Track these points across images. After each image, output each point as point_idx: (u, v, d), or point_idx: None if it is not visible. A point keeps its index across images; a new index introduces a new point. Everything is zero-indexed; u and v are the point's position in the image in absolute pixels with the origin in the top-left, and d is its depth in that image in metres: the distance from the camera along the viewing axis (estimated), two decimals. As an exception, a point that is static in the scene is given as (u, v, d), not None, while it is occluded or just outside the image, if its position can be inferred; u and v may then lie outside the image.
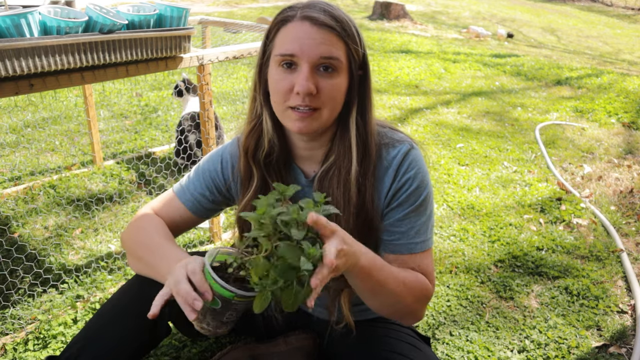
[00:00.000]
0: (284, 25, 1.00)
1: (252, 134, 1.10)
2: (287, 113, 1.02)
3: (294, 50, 0.97)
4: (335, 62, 0.99)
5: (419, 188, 1.10)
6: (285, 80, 1.00)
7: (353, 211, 1.07)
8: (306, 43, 0.97)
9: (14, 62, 1.35)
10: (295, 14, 0.99)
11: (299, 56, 0.97)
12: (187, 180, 1.24)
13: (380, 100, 4.54)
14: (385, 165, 1.10)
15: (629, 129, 4.04)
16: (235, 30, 2.60)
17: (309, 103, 0.99)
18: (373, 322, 1.28)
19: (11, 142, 3.29)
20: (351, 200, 1.07)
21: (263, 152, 1.10)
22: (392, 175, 1.10)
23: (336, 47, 0.98)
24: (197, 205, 1.22)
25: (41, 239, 2.26)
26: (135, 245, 1.13)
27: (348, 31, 1.00)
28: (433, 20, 10.10)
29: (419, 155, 1.12)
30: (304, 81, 0.97)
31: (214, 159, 1.22)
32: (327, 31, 0.97)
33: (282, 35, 1.00)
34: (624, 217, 2.64)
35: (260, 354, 1.38)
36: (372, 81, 1.08)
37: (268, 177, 1.13)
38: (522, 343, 1.75)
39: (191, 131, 2.83)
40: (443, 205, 2.68)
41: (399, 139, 1.13)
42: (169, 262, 0.99)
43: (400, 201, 1.10)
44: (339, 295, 1.15)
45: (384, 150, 1.10)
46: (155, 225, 1.16)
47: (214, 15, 8.62)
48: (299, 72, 0.98)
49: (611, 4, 15.20)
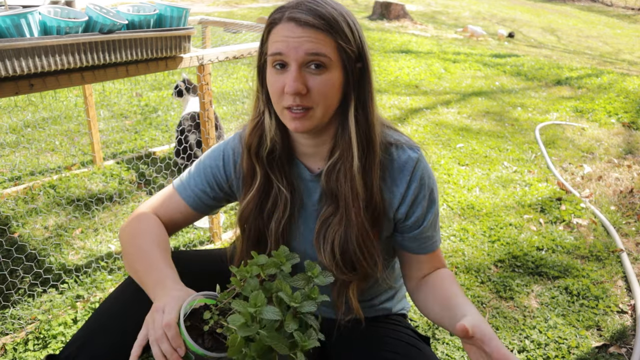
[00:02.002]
0: (274, 27, 1.02)
1: (255, 131, 1.11)
2: (284, 113, 1.04)
3: (281, 49, 0.99)
4: (323, 59, 0.99)
5: (433, 192, 1.15)
6: (278, 82, 1.01)
7: (362, 205, 1.08)
8: (291, 42, 0.98)
9: (14, 62, 1.35)
10: (282, 16, 1.01)
11: (286, 55, 0.99)
12: (188, 175, 1.24)
13: (380, 100, 4.54)
14: (396, 168, 1.11)
15: (629, 129, 4.04)
16: (235, 30, 2.60)
17: (300, 103, 1.00)
18: (373, 322, 1.28)
19: (11, 142, 3.29)
20: (359, 194, 1.08)
21: (266, 149, 1.11)
22: (406, 181, 1.11)
23: (323, 44, 0.99)
24: (198, 202, 1.22)
25: (41, 239, 2.26)
26: (130, 251, 1.14)
27: (335, 27, 1.00)
28: (433, 20, 10.10)
29: (426, 161, 1.16)
30: (292, 82, 0.98)
31: (216, 154, 1.22)
32: (311, 30, 0.98)
33: (272, 36, 1.02)
34: (624, 217, 2.64)
35: (260, 353, 1.38)
36: (372, 73, 1.09)
37: (271, 173, 1.13)
38: (522, 343, 1.75)
39: (191, 131, 2.83)
40: (443, 205, 2.68)
41: (405, 141, 1.14)
42: (155, 285, 1.03)
43: (423, 211, 1.14)
44: (346, 289, 1.15)
45: (393, 150, 1.11)
46: (152, 232, 1.15)
47: (214, 15, 8.62)
48: (288, 73, 1.00)
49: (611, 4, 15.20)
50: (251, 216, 1.15)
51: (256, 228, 1.16)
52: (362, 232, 1.09)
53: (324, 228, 1.13)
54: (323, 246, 1.13)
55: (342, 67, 1.03)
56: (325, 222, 1.13)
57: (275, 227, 1.15)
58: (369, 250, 1.11)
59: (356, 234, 1.09)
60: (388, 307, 1.34)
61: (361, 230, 1.09)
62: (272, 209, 1.15)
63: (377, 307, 1.32)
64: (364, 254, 1.11)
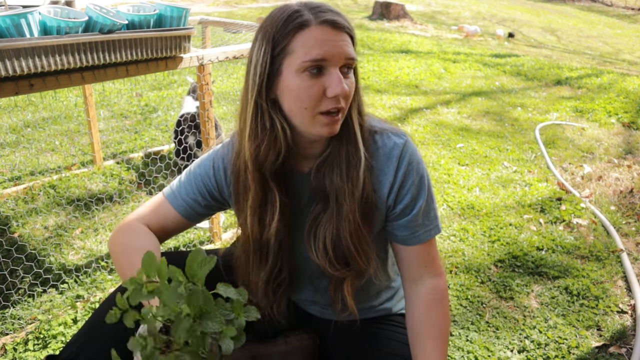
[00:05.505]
0: (302, 30, 0.96)
1: (273, 147, 1.04)
2: (317, 119, 0.99)
3: (323, 54, 0.95)
4: (354, 63, 1.01)
5: (422, 177, 1.13)
6: (316, 86, 0.97)
7: (357, 200, 1.07)
8: (332, 46, 0.96)
9: (14, 62, 1.35)
10: (311, 19, 0.97)
11: (329, 59, 0.96)
12: (179, 184, 1.23)
13: (380, 100, 4.54)
14: (382, 156, 1.10)
15: (629, 129, 4.04)
16: (235, 30, 2.60)
17: (343, 105, 0.99)
18: (372, 323, 1.28)
19: (11, 142, 3.29)
20: (355, 190, 1.07)
21: (276, 163, 1.08)
22: (393, 168, 1.10)
23: (351, 48, 1.00)
24: (190, 210, 1.21)
25: (41, 239, 2.26)
26: (119, 261, 1.13)
27: (353, 31, 1.03)
28: (433, 20, 10.10)
29: (414, 146, 1.14)
30: (340, 83, 0.96)
31: (206, 163, 1.21)
32: (344, 33, 0.99)
33: (302, 40, 0.96)
34: (624, 217, 2.64)
35: (261, 354, 1.38)
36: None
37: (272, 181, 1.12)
38: (522, 343, 1.75)
39: (191, 131, 2.83)
40: (443, 205, 2.68)
41: (389, 128, 1.13)
42: None
43: (412, 196, 1.11)
44: (341, 285, 1.15)
45: (378, 138, 1.11)
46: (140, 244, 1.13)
47: (214, 15, 8.62)
48: (328, 76, 0.97)
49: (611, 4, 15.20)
50: (254, 229, 1.14)
51: (256, 236, 1.15)
52: (354, 226, 1.08)
53: (314, 226, 1.12)
54: (314, 244, 1.12)
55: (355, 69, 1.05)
56: (315, 219, 1.12)
57: (275, 232, 1.15)
58: (362, 244, 1.10)
59: (348, 228, 1.07)
60: (388, 307, 1.34)
61: (353, 224, 1.08)
62: (272, 216, 1.13)
63: (377, 307, 1.32)
64: (357, 248, 1.10)
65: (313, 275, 1.25)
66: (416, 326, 1.14)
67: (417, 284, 1.17)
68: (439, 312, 1.14)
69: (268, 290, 1.19)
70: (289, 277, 1.20)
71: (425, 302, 1.15)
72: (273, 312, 1.24)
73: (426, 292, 1.15)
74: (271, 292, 1.20)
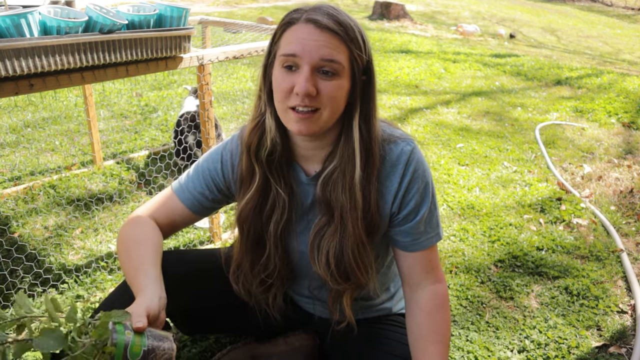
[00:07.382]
0: (289, 27, 1.01)
1: (255, 131, 1.10)
2: (288, 113, 1.02)
3: (296, 50, 0.98)
4: (336, 66, 0.99)
5: (427, 185, 1.13)
6: (287, 81, 1.00)
7: (360, 215, 1.07)
8: (308, 44, 0.97)
9: (14, 62, 1.35)
10: (300, 17, 1.00)
11: (301, 56, 0.98)
12: (187, 178, 1.24)
13: (380, 100, 4.52)
14: (389, 163, 1.10)
15: (629, 129, 4.04)
16: (235, 30, 2.60)
17: (308, 104, 0.99)
18: (373, 323, 1.28)
19: (11, 142, 3.29)
20: (357, 205, 1.07)
21: (265, 151, 1.10)
22: (399, 175, 1.10)
23: (338, 51, 0.99)
24: (197, 204, 1.22)
25: (41, 239, 2.26)
26: (124, 257, 1.13)
27: (351, 35, 1.00)
28: (433, 20, 10.10)
29: (420, 153, 1.14)
30: (304, 82, 0.97)
31: (214, 157, 1.22)
32: (329, 34, 0.98)
33: (287, 36, 1.01)
34: (624, 217, 2.64)
35: (260, 354, 1.38)
36: (376, 88, 1.09)
37: (270, 175, 1.13)
38: (522, 343, 1.75)
39: (191, 131, 2.83)
40: (443, 205, 2.68)
41: (399, 135, 1.13)
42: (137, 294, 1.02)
43: (416, 203, 1.12)
44: (340, 297, 1.15)
45: (385, 147, 1.11)
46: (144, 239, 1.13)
47: (214, 15, 8.62)
48: (299, 73, 0.99)
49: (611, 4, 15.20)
50: (249, 217, 1.15)
51: (255, 229, 1.16)
52: (358, 242, 1.08)
53: (318, 238, 1.12)
54: (318, 257, 1.13)
55: (351, 76, 1.03)
56: (319, 232, 1.12)
57: (274, 228, 1.15)
58: (363, 261, 1.11)
59: (352, 245, 1.08)
60: (388, 307, 1.34)
61: (357, 241, 1.08)
62: (271, 211, 1.14)
63: (377, 307, 1.32)
64: (359, 264, 1.10)
65: (312, 285, 1.26)
66: (417, 330, 1.14)
67: (418, 290, 1.17)
68: (440, 318, 1.14)
69: (255, 277, 1.20)
70: (282, 269, 1.20)
71: (427, 308, 1.14)
72: (268, 305, 1.24)
73: (427, 298, 1.15)
74: (259, 281, 1.20)
